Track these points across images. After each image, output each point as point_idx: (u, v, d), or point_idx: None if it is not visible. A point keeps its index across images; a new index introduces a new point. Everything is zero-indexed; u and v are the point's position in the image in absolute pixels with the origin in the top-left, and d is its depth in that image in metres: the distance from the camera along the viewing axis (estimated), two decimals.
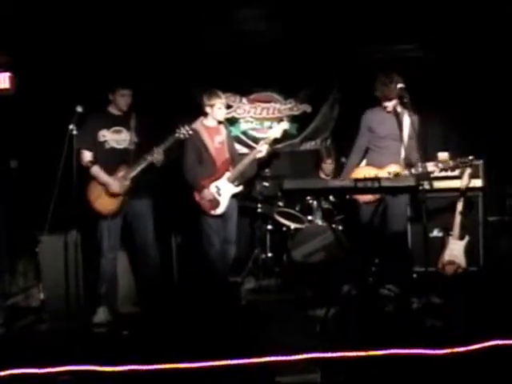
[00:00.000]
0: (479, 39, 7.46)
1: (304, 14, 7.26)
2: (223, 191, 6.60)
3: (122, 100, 6.22)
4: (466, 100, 7.79)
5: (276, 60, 8.26)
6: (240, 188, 6.76)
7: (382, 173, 6.05)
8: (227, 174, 6.67)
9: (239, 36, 7.71)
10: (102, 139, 6.19)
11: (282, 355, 4.38)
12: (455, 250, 6.83)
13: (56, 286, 6.14)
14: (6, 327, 6.09)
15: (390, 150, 6.33)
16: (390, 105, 6.28)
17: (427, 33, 7.64)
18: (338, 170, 7.88)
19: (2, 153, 7.15)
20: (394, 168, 6.15)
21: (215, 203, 6.56)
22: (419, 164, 6.05)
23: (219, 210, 6.58)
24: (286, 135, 7.78)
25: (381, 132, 6.38)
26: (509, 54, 7.38)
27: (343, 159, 7.69)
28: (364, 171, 6.25)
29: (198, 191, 6.55)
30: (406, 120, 6.24)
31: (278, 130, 7.07)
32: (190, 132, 6.25)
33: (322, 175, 8.14)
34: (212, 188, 6.57)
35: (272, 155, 7.98)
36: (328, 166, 8.07)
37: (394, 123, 6.31)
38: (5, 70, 7.15)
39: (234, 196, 6.73)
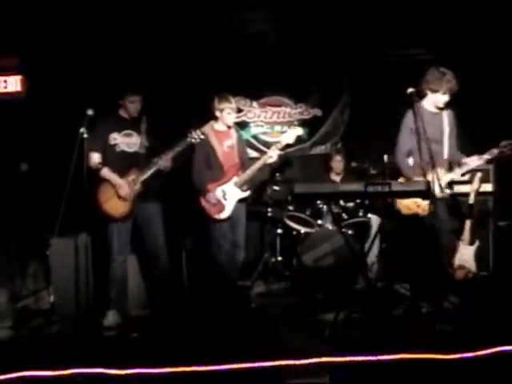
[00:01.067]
0: (490, 41, 7.43)
1: (315, 18, 7.27)
2: (229, 195, 6.59)
3: (131, 106, 6.22)
4: (477, 103, 7.75)
5: (287, 64, 8.27)
6: (248, 193, 6.73)
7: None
8: (235, 179, 6.65)
9: (250, 39, 7.72)
10: (112, 142, 6.20)
11: (292, 359, 4.37)
12: (465, 254, 6.79)
13: (66, 289, 6.16)
14: (16, 330, 6.12)
15: (433, 152, 5.82)
16: (443, 100, 6.04)
17: (437, 35, 7.64)
18: (348, 173, 7.89)
19: (12, 155, 7.19)
20: (439, 174, 5.83)
21: (220, 207, 6.54)
22: (463, 160, 6.01)
23: (224, 215, 6.55)
24: (296, 140, 7.76)
25: (426, 133, 5.86)
26: None
27: (353, 164, 7.69)
28: None
29: (203, 195, 6.55)
30: (445, 118, 6.10)
31: (291, 136, 6.98)
32: (202, 137, 6.23)
33: (333, 175, 8.12)
34: (218, 192, 6.55)
35: (283, 161, 7.98)
36: (337, 163, 8.04)
37: (437, 122, 6.11)
38: (16, 73, 7.19)
39: (242, 200, 6.72)
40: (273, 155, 6.76)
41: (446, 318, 5.48)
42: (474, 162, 6.03)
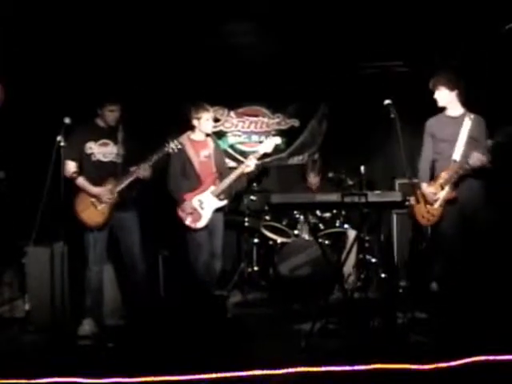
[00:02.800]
0: (467, 54, 7.48)
1: (293, 30, 7.30)
2: (206, 205, 6.58)
3: (110, 115, 6.20)
4: None
5: (265, 74, 8.30)
6: (225, 202, 6.72)
7: (435, 188, 6.06)
8: (212, 188, 6.64)
9: (228, 50, 7.74)
10: (88, 151, 6.17)
11: (268, 369, 4.38)
12: None
13: (41, 298, 6.13)
14: None
15: (444, 154, 6.09)
16: (451, 95, 6.11)
17: (413, 49, 7.70)
18: (324, 184, 7.92)
19: None
20: (442, 177, 6.01)
21: (196, 216, 6.53)
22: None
23: (200, 224, 6.54)
24: (274, 150, 7.77)
25: (441, 135, 6.14)
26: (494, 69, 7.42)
27: (330, 174, 7.71)
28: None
29: (179, 204, 6.55)
30: (468, 122, 6.05)
31: (269, 145, 6.97)
32: (179, 146, 6.24)
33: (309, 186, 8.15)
34: (194, 201, 6.55)
35: (261, 170, 7.99)
36: (312, 179, 8.08)
37: (455, 126, 6.09)
38: None
39: (219, 210, 6.72)
40: (250, 164, 6.77)
41: (420, 328, 5.52)
42: (473, 159, 5.84)
